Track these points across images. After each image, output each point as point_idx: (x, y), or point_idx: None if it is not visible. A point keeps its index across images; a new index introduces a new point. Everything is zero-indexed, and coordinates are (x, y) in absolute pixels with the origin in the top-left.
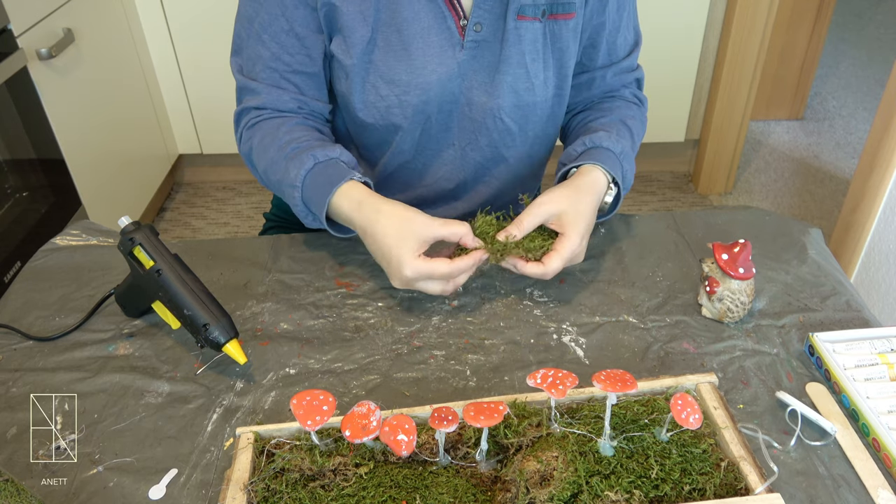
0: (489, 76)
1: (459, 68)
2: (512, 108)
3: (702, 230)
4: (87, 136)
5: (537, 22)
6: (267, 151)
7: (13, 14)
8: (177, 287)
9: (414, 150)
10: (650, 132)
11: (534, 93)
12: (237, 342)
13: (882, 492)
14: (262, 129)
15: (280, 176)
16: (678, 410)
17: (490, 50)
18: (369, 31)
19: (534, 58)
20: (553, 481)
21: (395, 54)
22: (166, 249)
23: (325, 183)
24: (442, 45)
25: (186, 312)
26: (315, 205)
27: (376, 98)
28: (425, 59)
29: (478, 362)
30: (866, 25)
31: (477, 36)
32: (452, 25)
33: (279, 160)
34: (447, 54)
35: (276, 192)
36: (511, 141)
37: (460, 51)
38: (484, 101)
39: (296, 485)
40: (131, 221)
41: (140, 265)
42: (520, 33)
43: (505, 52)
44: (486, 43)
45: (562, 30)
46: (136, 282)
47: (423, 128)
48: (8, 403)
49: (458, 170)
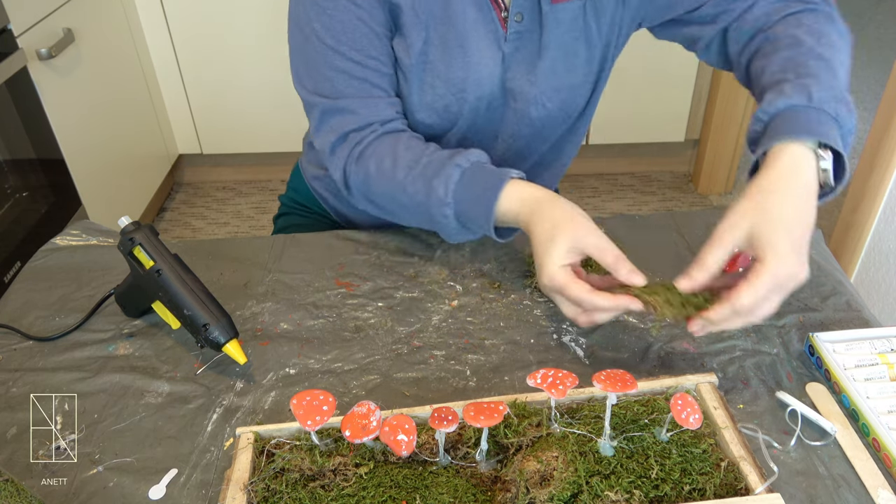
0: (530, 65)
1: (504, 60)
2: (553, 92)
3: (702, 230)
4: (87, 136)
5: (576, 1)
6: (392, 175)
7: (13, 14)
8: (177, 287)
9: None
10: (650, 132)
11: (575, 72)
12: (237, 342)
13: (882, 492)
14: (378, 154)
15: (419, 198)
16: (678, 410)
17: (531, 39)
18: (424, 30)
19: (575, 36)
20: (553, 481)
21: (451, 52)
22: (166, 249)
23: (482, 191)
24: (489, 39)
25: (186, 312)
26: (474, 217)
27: (433, 98)
28: (480, 54)
29: (478, 362)
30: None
31: (519, 27)
32: (496, 18)
33: (412, 181)
34: (494, 48)
35: (407, 217)
36: (551, 122)
37: (504, 43)
38: (526, 89)
39: (296, 485)
40: (131, 221)
41: (140, 265)
42: (557, 17)
43: (545, 39)
44: (528, 32)
45: (603, 4)
46: (136, 282)
47: (471, 122)
48: (8, 403)
49: (501, 159)
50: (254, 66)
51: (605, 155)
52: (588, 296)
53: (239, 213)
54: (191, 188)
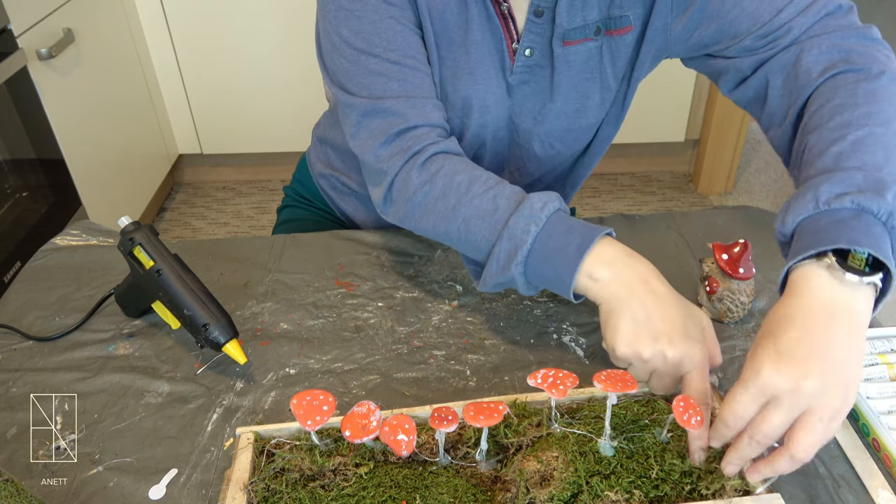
0: (540, 104)
1: (510, 92)
2: (561, 133)
3: (702, 230)
4: (87, 136)
5: (590, 42)
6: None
7: (13, 14)
8: (177, 287)
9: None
10: (650, 132)
11: (586, 115)
12: (237, 342)
13: (882, 492)
14: (447, 170)
15: (498, 215)
16: (680, 412)
17: (541, 76)
18: (437, 50)
19: (587, 77)
20: (553, 481)
21: (461, 76)
22: (166, 249)
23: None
24: (496, 67)
25: (186, 312)
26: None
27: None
28: (487, 80)
29: (478, 362)
30: None
31: (528, 61)
32: (505, 48)
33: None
34: (500, 76)
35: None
36: (558, 159)
37: (510, 74)
38: (530, 126)
39: (296, 485)
40: (131, 221)
41: (140, 265)
42: (568, 59)
43: (556, 80)
44: (537, 69)
45: (619, 46)
46: (136, 282)
47: (477, 153)
48: (8, 403)
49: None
50: (254, 66)
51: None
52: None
53: (239, 213)
54: (191, 188)
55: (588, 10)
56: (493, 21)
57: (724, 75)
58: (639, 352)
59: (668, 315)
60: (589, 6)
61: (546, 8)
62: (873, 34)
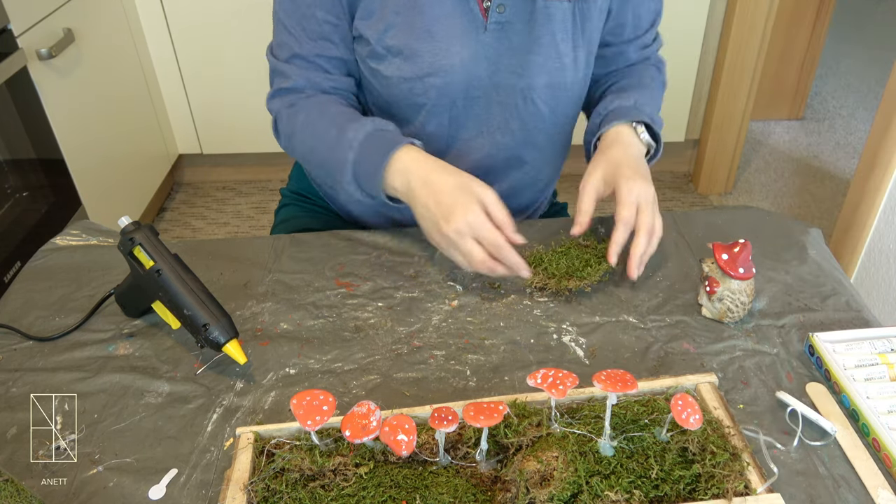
0: (518, 58)
1: (484, 50)
2: (543, 89)
3: (702, 230)
4: (87, 136)
5: (566, 2)
6: (315, 126)
7: (13, 14)
8: (177, 287)
9: (444, 137)
10: None
11: (564, 73)
12: (237, 342)
13: (882, 492)
14: (308, 106)
15: (331, 145)
16: (678, 411)
17: (516, 31)
18: (390, 14)
19: (563, 37)
20: (553, 481)
21: (418, 36)
22: (166, 249)
23: (381, 146)
24: (465, 28)
25: (186, 312)
26: (368, 169)
27: (399, 79)
28: (449, 41)
29: (478, 362)
30: (866, 25)
31: (500, 17)
32: (475, 7)
33: (330, 130)
34: (471, 37)
35: (321, 169)
36: (542, 123)
37: (483, 33)
38: (513, 82)
39: (296, 485)
40: (131, 221)
41: (140, 265)
42: (549, 13)
43: (535, 33)
44: (511, 24)
45: (591, 10)
46: (136, 282)
47: (451, 114)
48: (8, 403)
49: (489, 156)
50: (254, 66)
51: None
52: (503, 241)
53: (239, 213)
54: (191, 188)
55: None
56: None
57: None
58: (436, 241)
59: (442, 201)
60: None
61: None
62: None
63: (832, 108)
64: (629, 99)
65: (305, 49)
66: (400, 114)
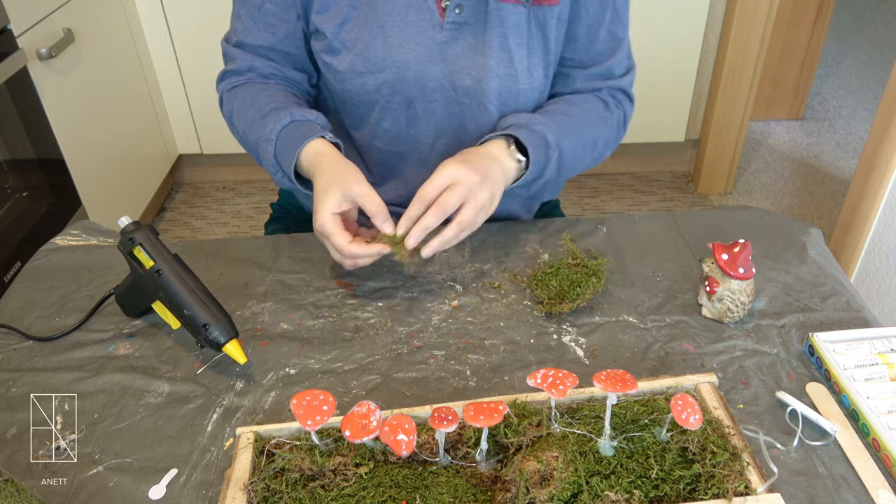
0: (473, 59)
1: (440, 50)
2: (496, 94)
3: (702, 230)
4: (87, 136)
5: (521, 6)
6: (246, 112)
7: (13, 14)
8: (177, 287)
9: (404, 137)
10: (650, 132)
11: (517, 79)
12: (237, 342)
13: (882, 492)
14: (243, 92)
15: (257, 134)
16: (678, 411)
17: (473, 32)
18: (346, 8)
19: (518, 42)
20: (553, 481)
21: (371, 31)
22: (166, 249)
23: (297, 137)
24: (421, 25)
25: (186, 312)
26: (285, 158)
27: (351, 74)
28: (402, 37)
29: (478, 362)
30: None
31: (458, 17)
32: (433, 5)
33: (257, 119)
34: (426, 34)
35: (254, 153)
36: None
37: (440, 32)
38: (469, 84)
39: (296, 485)
40: (131, 221)
41: (140, 265)
42: (501, 15)
43: (487, 35)
44: (468, 25)
45: (546, 16)
46: (136, 282)
47: (409, 113)
48: (8, 403)
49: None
50: None
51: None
52: (346, 245)
53: (239, 213)
54: (191, 188)
55: None
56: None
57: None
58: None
59: (315, 198)
60: None
61: None
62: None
63: (832, 108)
64: (524, 117)
65: (251, 37)
66: (355, 111)
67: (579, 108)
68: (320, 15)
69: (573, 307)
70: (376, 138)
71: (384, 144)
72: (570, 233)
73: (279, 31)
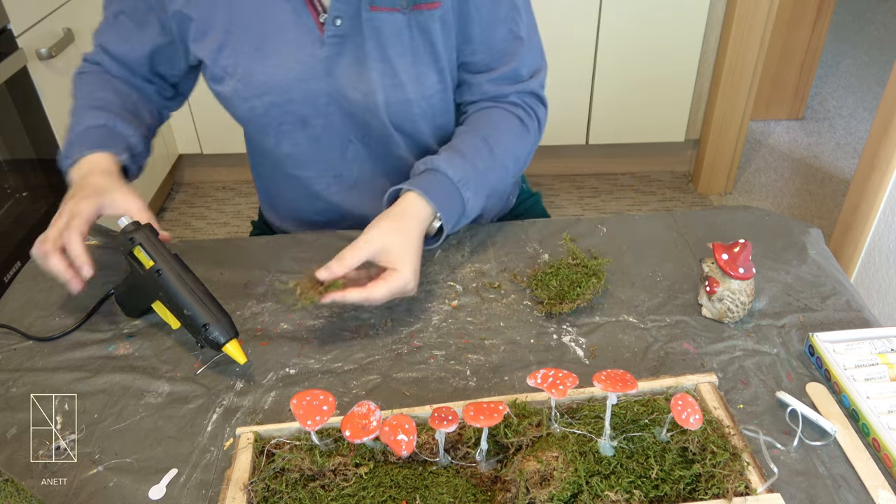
0: (358, 73)
1: (325, 66)
2: (384, 107)
3: (702, 230)
4: None
5: (398, 13)
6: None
7: (13, 14)
8: (177, 287)
9: (312, 160)
10: (650, 132)
11: (404, 90)
12: (237, 342)
13: (882, 492)
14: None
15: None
16: (678, 411)
17: (353, 44)
18: (222, 34)
19: (399, 51)
20: (553, 481)
21: (248, 54)
22: (166, 249)
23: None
24: (301, 42)
25: (186, 312)
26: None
27: (239, 100)
28: (281, 57)
29: (478, 362)
30: (866, 25)
31: (337, 30)
32: (310, 21)
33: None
34: (307, 51)
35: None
36: (395, 140)
37: (321, 47)
38: (358, 98)
39: (296, 485)
40: (131, 221)
41: (140, 265)
42: (376, 25)
43: (366, 46)
44: (349, 37)
45: (428, 21)
46: (136, 282)
47: (307, 133)
48: (8, 403)
49: (362, 168)
50: None
51: (605, 155)
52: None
53: (239, 213)
54: (191, 188)
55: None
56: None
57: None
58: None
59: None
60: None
61: None
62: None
63: (832, 108)
64: (460, 169)
65: (104, 38)
66: (254, 136)
67: (502, 133)
68: (198, 42)
69: (573, 307)
70: (282, 164)
71: (293, 168)
72: (570, 233)
73: (130, 44)
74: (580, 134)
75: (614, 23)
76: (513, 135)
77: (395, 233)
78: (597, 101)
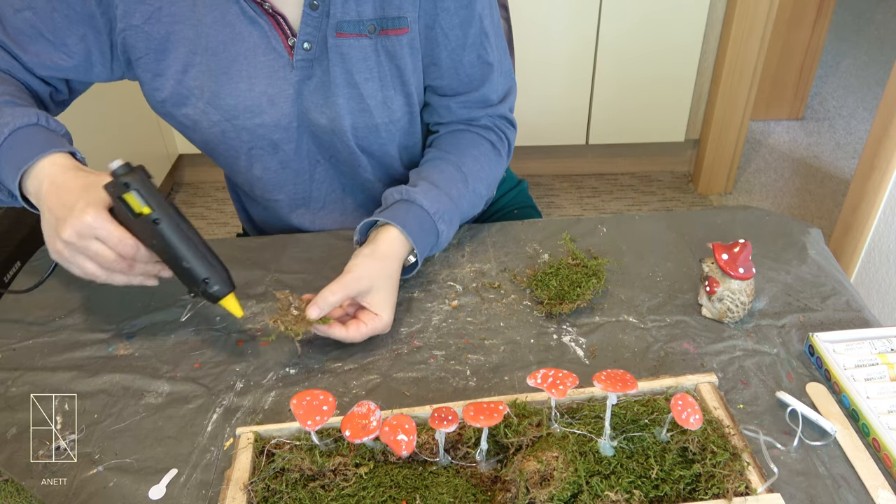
0: (325, 98)
1: (295, 90)
2: (353, 130)
3: (702, 230)
4: (86, 136)
5: (364, 38)
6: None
7: None
8: (176, 237)
9: (281, 183)
10: (650, 132)
11: (371, 115)
12: (233, 295)
13: (882, 492)
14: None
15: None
16: (678, 411)
17: (321, 69)
18: (186, 55)
19: (367, 77)
20: (553, 481)
21: (216, 78)
22: (163, 196)
23: (33, 145)
24: (271, 66)
25: (185, 265)
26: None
27: (209, 123)
28: (251, 81)
29: (478, 362)
30: (866, 25)
31: (307, 55)
32: (279, 45)
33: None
34: (277, 75)
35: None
36: (362, 162)
37: (291, 71)
38: (325, 123)
39: (296, 485)
40: (123, 163)
41: (130, 211)
42: (342, 51)
43: (333, 72)
44: (318, 62)
45: (395, 46)
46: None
47: (278, 157)
48: (8, 403)
49: (331, 187)
50: None
51: (605, 155)
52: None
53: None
54: (191, 188)
55: (362, 6)
56: (256, 21)
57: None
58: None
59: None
60: (363, 1)
61: (321, 1)
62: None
63: (832, 108)
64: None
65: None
66: (222, 160)
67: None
68: (155, 62)
69: (573, 307)
70: (248, 185)
71: (263, 192)
72: (570, 233)
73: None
74: (580, 134)
75: (614, 23)
76: (486, 160)
77: (382, 278)
78: (597, 100)
